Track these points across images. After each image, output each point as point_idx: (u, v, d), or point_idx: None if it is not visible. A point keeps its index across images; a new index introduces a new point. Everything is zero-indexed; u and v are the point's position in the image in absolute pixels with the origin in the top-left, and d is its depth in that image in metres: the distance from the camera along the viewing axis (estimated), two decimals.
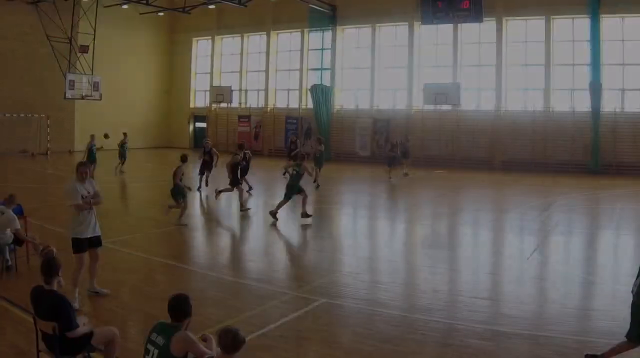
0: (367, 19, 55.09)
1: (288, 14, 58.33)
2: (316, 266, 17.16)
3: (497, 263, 17.97)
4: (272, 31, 60.67)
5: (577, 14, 46.91)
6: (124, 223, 22.94)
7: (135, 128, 60.43)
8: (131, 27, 62.00)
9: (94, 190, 13.03)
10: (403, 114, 53.34)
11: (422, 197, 32.83)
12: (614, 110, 45.77)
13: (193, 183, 30.23)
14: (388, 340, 11.07)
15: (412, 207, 29.65)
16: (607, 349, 9.72)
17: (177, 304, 7.68)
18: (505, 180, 40.37)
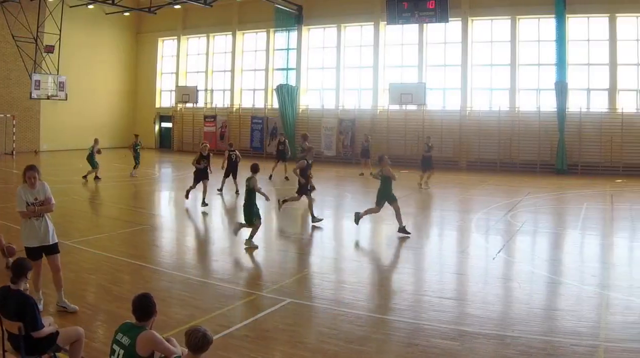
0: (333, 19, 53.57)
1: (254, 14, 56.77)
2: (282, 266, 16.79)
3: (462, 263, 17.47)
4: (237, 31, 58.78)
5: (542, 14, 45.58)
6: (90, 224, 22.42)
7: (101, 128, 59.46)
8: (97, 27, 60.41)
9: (45, 196, 11.97)
10: (368, 113, 51.75)
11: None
12: (579, 110, 44.48)
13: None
14: (353, 340, 10.88)
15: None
16: None
17: (141, 304, 7.56)
18: (472, 180, 39.21)
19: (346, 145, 51.82)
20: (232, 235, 19.78)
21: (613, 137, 42.88)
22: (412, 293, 14.21)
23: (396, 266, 17.21)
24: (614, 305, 12.81)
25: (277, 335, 11.12)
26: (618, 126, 43.10)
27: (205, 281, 14.72)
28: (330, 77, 54.49)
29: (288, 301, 12.88)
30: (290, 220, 24.10)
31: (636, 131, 42.64)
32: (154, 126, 64.49)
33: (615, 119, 43.44)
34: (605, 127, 43.54)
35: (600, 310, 12.46)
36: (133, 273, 15.44)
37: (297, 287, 14.30)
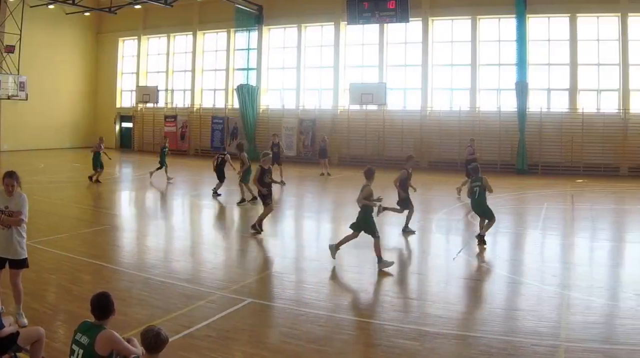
0: (293, 19, 51.34)
1: (214, 14, 54.28)
2: (243, 266, 16.45)
3: (423, 263, 17.34)
4: (198, 31, 56.24)
5: (503, 14, 43.95)
6: (51, 223, 21.05)
7: (62, 128, 58.00)
8: (57, 27, 57.55)
9: (17, 208, 10.75)
10: (329, 113, 49.63)
11: (348, 196, 28.72)
12: (540, 110, 42.98)
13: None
14: (314, 340, 10.58)
15: (338, 206, 27.76)
16: None
17: (99, 303, 7.38)
18: (433, 180, 37.43)
19: (307, 145, 49.83)
20: (193, 235, 19.77)
21: (574, 137, 41.42)
22: (373, 294, 13.98)
23: (357, 266, 16.37)
24: (574, 305, 12.55)
25: (238, 335, 10.84)
26: (579, 126, 41.61)
27: (166, 281, 14.13)
28: (290, 77, 52.37)
29: (249, 301, 12.53)
30: (251, 220, 22.35)
31: (596, 131, 41.26)
32: (114, 126, 61.79)
33: (576, 119, 41.99)
34: (565, 127, 42.10)
35: (561, 310, 12.18)
36: (94, 273, 15.00)
37: (258, 287, 14.01)
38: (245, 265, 16.61)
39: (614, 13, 41.45)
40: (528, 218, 24.98)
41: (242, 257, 17.63)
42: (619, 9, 41.02)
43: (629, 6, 40.81)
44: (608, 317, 12.04)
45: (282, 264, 16.79)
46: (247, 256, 17.72)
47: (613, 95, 42.18)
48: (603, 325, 11.36)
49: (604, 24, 42.32)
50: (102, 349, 7.01)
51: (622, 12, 41.00)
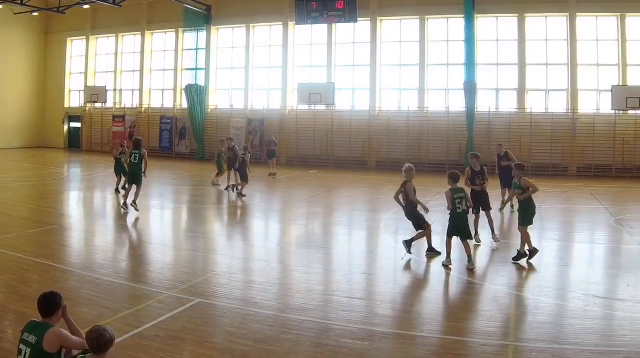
0: (242, 19, 47.78)
1: (163, 14, 50.34)
2: (191, 266, 15.24)
3: (371, 263, 16.27)
4: (146, 31, 52.20)
5: (451, 14, 41.22)
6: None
7: (10, 128, 54.51)
8: (5, 27, 53.43)
9: None
10: (277, 113, 46.29)
11: (297, 197, 28.95)
12: (488, 110, 40.31)
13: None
14: (262, 340, 10.00)
15: (287, 207, 26.30)
16: None
17: (45, 301, 7.02)
18: (381, 180, 35.01)
19: (255, 145, 46.19)
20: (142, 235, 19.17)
21: (522, 137, 38.91)
22: (321, 294, 13.16)
23: (305, 266, 15.47)
24: (523, 305, 12.12)
25: (187, 335, 10.20)
26: (527, 126, 39.23)
27: (114, 281, 13.44)
28: (239, 77, 48.89)
29: (197, 301, 11.92)
30: (199, 220, 21.94)
31: (545, 131, 38.88)
32: (63, 126, 57.61)
33: (524, 119, 39.57)
34: (514, 127, 39.58)
35: (510, 310, 11.66)
36: (42, 273, 14.06)
37: (206, 287, 13.13)
38: (194, 265, 15.44)
39: (563, 13, 39.10)
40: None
41: (190, 257, 16.46)
42: (568, 9, 38.71)
43: (577, 6, 38.54)
44: (556, 317, 11.43)
45: (231, 264, 15.70)
46: (195, 256, 16.53)
47: (561, 95, 39.78)
48: (551, 325, 10.77)
49: (552, 24, 39.96)
50: (50, 347, 6.65)
51: (571, 12, 38.69)
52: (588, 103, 39.28)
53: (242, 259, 16.50)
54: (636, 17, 38.27)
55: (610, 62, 38.79)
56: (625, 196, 29.24)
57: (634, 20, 38.40)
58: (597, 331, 10.45)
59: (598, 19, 39.10)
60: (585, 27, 39.12)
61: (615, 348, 9.57)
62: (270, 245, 18.75)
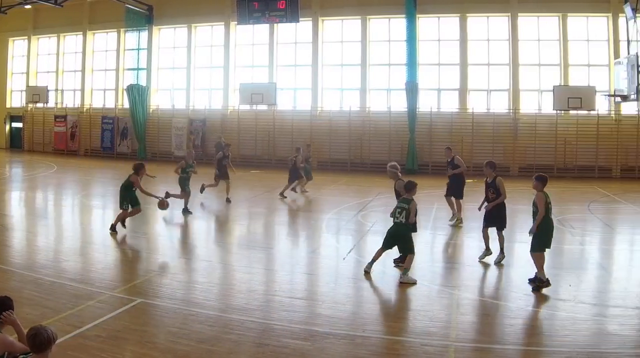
0: (183, 19, 43.09)
1: (104, 14, 45.19)
2: (133, 266, 14.27)
3: (313, 263, 15.04)
4: (88, 31, 46.94)
5: (393, 14, 37.51)
6: None
7: None
8: None
9: None
10: (219, 113, 41.90)
11: (238, 197, 25.73)
12: (430, 110, 36.66)
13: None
14: (204, 340, 9.12)
15: (228, 207, 23.65)
16: None
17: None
18: (322, 180, 31.57)
19: (197, 145, 41.70)
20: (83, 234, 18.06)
21: (464, 137, 35.31)
22: (263, 294, 12.10)
23: (247, 266, 14.36)
24: (464, 305, 11.14)
25: (128, 335, 9.24)
26: (469, 126, 35.74)
27: (56, 281, 12.20)
28: (181, 77, 44.17)
29: (139, 301, 10.83)
30: (141, 220, 19.42)
31: (486, 131, 35.45)
32: (4, 126, 52.00)
33: (466, 118, 36.06)
34: (455, 127, 36.10)
35: (451, 310, 10.71)
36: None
37: (148, 287, 12.03)
38: (136, 265, 14.56)
39: (504, 13, 35.75)
40: (418, 218, 19.25)
41: (132, 257, 15.43)
42: (509, 9, 35.37)
43: (518, 6, 35.24)
44: (498, 317, 10.65)
45: (172, 264, 14.52)
46: (137, 256, 15.50)
47: (503, 95, 36.33)
48: (493, 325, 10.11)
49: (494, 24, 36.55)
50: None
51: (512, 12, 35.37)
52: (529, 103, 36.03)
53: (183, 259, 15.18)
54: (577, 17, 35.18)
55: (552, 62, 35.56)
56: (566, 196, 26.48)
57: (575, 20, 35.34)
58: (539, 331, 10.00)
59: (539, 19, 35.80)
60: (527, 27, 35.84)
61: (557, 348, 8.97)
62: (211, 245, 17.65)
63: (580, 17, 35.31)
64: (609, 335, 9.56)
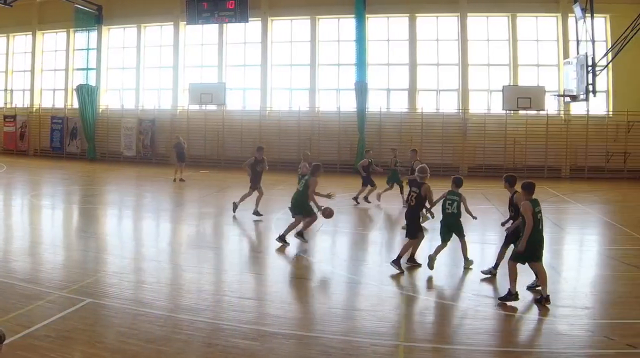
0: (133, 19, 38.59)
1: (54, 14, 40.37)
2: (82, 266, 12.54)
3: (262, 263, 13.55)
4: (37, 31, 41.95)
5: (342, 14, 33.70)
6: None
7: None
8: None
9: None
10: (168, 113, 37.57)
11: (188, 197, 24.72)
12: (379, 110, 32.99)
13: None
14: (153, 340, 8.36)
15: (178, 207, 22.47)
16: None
17: None
18: (271, 180, 28.22)
19: (146, 145, 37.96)
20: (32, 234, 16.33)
21: (413, 137, 31.60)
22: (212, 294, 10.94)
23: (196, 266, 12.85)
24: (414, 305, 10.32)
25: (78, 335, 8.47)
26: (418, 126, 32.07)
27: (5, 281, 10.95)
28: (130, 77, 39.67)
29: (88, 301, 9.86)
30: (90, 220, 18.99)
31: (436, 131, 32.00)
32: None
33: (415, 118, 32.38)
34: (405, 127, 32.42)
35: (400, 310, 9.85)
36: None
37: (97, 287, 10.85)
38: (85, 265, 12.79)
39: (454, 13, 32.21)
40: (367, 218, 20.02)
41: (81, 257, 13.64)
42: (459, 9, 31.85)
43: (468, 6, 31.73)
44: (447, 317, 9.72)
45: (121, 264, 12.96)
46: (86, 256, 13.71)
47: (452, 95, 32.79)
48: (442, 325, 9.29)
49: (443, 24, 32.96)
50: None
51: (462, 12, 31.87)
52: (479, 103, 32.53)
53: (132, 259, 13.73)
54: (527, 17, 31.81)
55: (501, 62, 32.13)
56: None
57: (524, 20, 31.95)
58: (488, 331, 8.98)
59: (489, 19, 32.35)
60: (476, 27, 32.36)
61: (506, 348, 8.31)
62: (161, 244, 15.86)
63: (530, 17, 31.95)
64: (559, 335, 8.73)
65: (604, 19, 30.55)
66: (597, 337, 8.58)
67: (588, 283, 11.88)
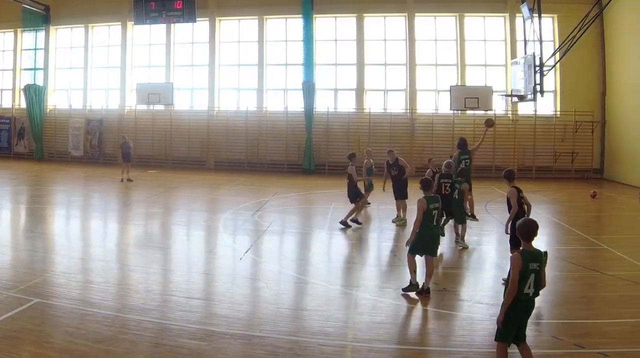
0: (81, 19, 34.10)
1: (1, 14, 35.52)
2: (30, 266, 11.33)
3: (210, 263, 12.18)
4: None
5: (290, 14, 30.09)
6: None
7: None
8: None
9: None
10: (116, 113, 33.35)
11: (135, 197, 22.23)
12: (327, 110, 29.44)
13: None
14: (101, 340, 7.56)
15: (125, 207, 20.21)
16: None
17: None
18: (219, 180, 26.75)
19: (94, 145, 33.75)
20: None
21: (360, 137, 28.20)
22: (160, 294, 9.93)
23: (143, 266, 11.58)
24: (361, 305, 9.17)
25: (25, 335, 7.70)
26: (366, 126, 28.62)
27: None
28: (78, 77, 35.23)
29: (36, 301, 8.96)
30: (38, 219, 16.92)
31: (383, 131, 28.60)
32: None
33: (363, 118, 28.92)
34: (352, 127, 28.92)
35: (348, 310, 8.89)
36: None
37: (45, 287, 9.80)
38: (33, 265, 11.34)
39: (401, 13, 28.77)
40: (315, 218, 18.37)
41: (29, 257, 12.08)
42: (406, 9, 28.46)
43: (415, 6, 28.35)
44: (395, 317, 8.90)
45: (69, 264, 11.51)
46: (34, 256, 12.11)
47: (400, 95, 29.37)
48: (390, 325, 8.42)
49: (391, 24, 29.50)
50: None
51: (409, 12, 28.49)
52: (426, 103, 29.11)
53: (80, 259, 12.20)
54: (474, 17, 28.59)
55: (449, 62, 28.81)
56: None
57: (472, 20, 28.71)
58: (437, 331, 8.26)
59: (437, 19, 28.99)
60: (424, 27, 29.01)
61: (453, 348, 7.49)
62: (108, 245, 14.18)
63: (478, 17, 28.68)
64: None
65: (551, 18, 27.63)
66: (544, 336, 7.82)
67: None
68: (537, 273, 5.99)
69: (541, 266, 6.00)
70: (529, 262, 5.96)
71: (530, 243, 6.04)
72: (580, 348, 7.36)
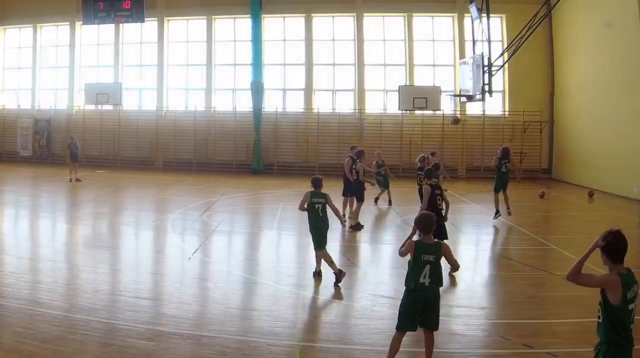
0: (29, 19, 30.14)
1: None
2: None
3: (159, 263, 11.03)
4: None
5: (238, 14, 26.89)
6: None
7: None
8: None
9: None
10: (64, 114, 29.60)
11: (83, 197, 20.07)
12: (275, 110, 26.38)
13: None
14: (49, 340, 6.64)
15: (73, 207, 17.90)
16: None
17: None
18: (168, 180, 24.38)
19: (42, 145, 30.02)
20: None
21: (309, 137, 25.46)
22: (108, 294, 8.82)
23: (92, 266, 10.30)
24: (310, 305, 8.44)
25: None
26: (314, 126, 25.59)
27: None
28: (26, 77, 31.32)
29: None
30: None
31: (332, 131, 25.61)
32: None
33: (312, 118, 25.87)
34: (301, 127, 25.89)
35: (297, 310, 8.06)
36: None
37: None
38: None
39: (350, 13, 25.71)
40: (263, 219, 16.70)
41: None
42: (355, 9, 25.42)
43: (364, 6, 25.37)
44: (344, 317, 7.99)
45: (18, 264, 10.21)
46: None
47: (349, 95, 26.35)
48: (339, 325, 7.57)
49: (339, 24, 26.45)
50: None
51: (358, 12, 25.46)
52: (375, 103, 26.15)
53: (29, 259, 10.81)
54: (422, 17, 25.72)
55: (397, 62, 25.89)
56: (412, 196, 18.68)
57: (420, 20, 25.79)
58: (384, 331, 7.00)
59: (385, 19, 26.03)
60: (372, 27, 26.05)
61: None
62: (57, 245, 12.48)
63: (426, 17, 25.82)
64: (454, 335, 7.00)
65: (499, 19, 24.94)
66: (493, 337, 6.96)
67: (484, 283, 10.04)
68: (433, 265, 5.74)
69: (437, 258, 5.75)
70: (423, 253, 5.75)
71: (430, 236, 5.84)
72: (528, 348, 6.64)
